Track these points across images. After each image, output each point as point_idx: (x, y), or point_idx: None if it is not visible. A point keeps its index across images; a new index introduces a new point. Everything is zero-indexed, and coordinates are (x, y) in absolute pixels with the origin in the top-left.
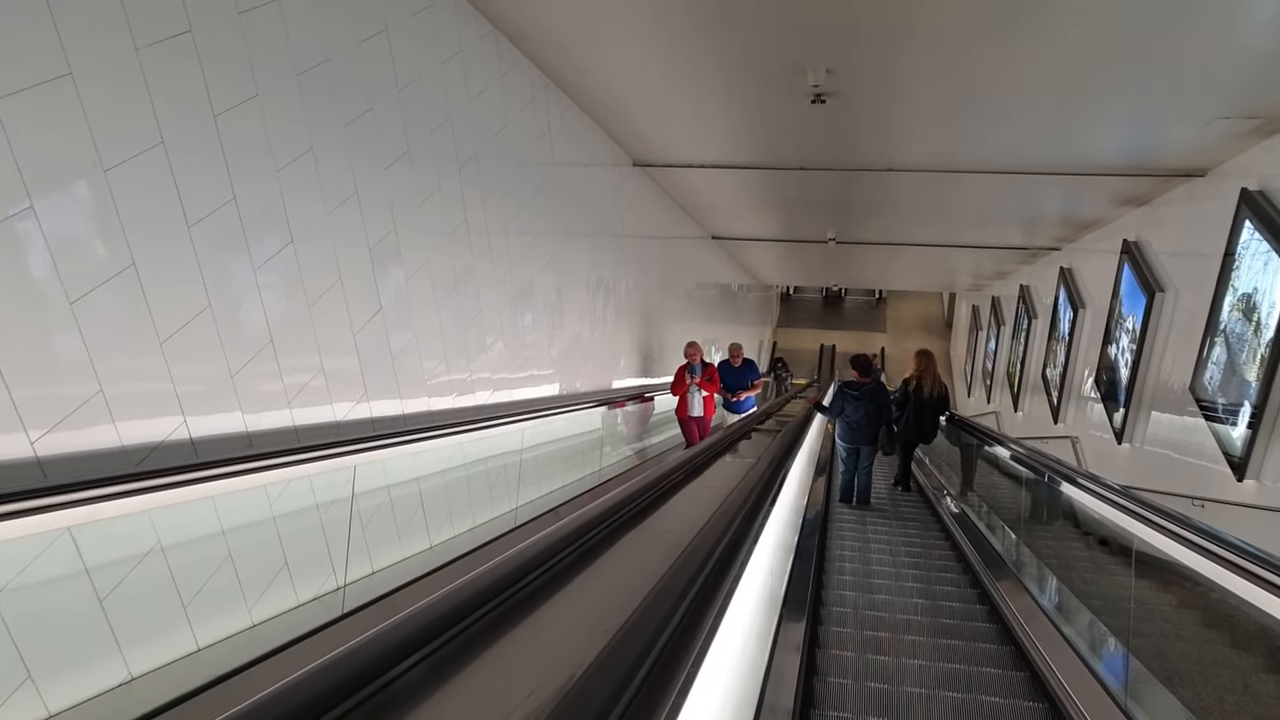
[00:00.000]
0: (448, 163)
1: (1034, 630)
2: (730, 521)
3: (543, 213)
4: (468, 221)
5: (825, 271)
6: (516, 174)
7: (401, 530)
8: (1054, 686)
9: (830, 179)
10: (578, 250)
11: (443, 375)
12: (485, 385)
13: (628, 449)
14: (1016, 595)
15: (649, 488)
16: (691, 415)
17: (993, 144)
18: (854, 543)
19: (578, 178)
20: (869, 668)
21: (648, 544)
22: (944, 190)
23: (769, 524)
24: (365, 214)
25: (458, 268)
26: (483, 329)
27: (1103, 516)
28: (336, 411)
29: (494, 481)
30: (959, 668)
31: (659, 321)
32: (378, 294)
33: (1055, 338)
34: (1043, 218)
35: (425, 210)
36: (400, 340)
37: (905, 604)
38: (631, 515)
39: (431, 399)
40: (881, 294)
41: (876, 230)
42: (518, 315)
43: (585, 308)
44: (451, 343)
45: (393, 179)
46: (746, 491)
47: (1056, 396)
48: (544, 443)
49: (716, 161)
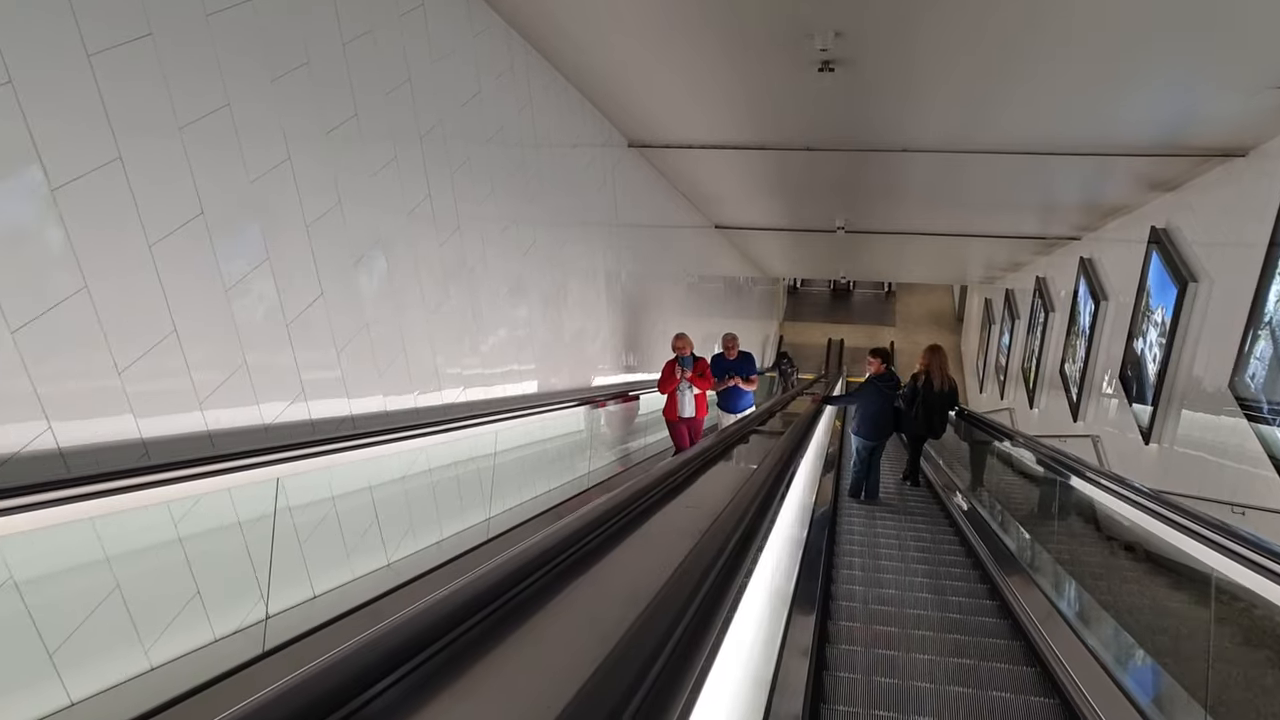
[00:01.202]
0: (406, 133)
1: (1048, 630)
2: (708, 568)
3: (523, 194)
4: (432, 200)
5: (833, 263)
6: (491, 150)
7: (353, 547)
8: (1066, 683)
9: (839, 161)
10: (565, 237)
11: (401, 371)
12: (455, 382)
13: (609, 455)
14: (1028, 592)
15: (614, 512)
16: (682, 416)
17: (1014, 120)
18: (862, 538)
19: (565, 158)
20: (877, 663)
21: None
22: (959, 173)
23: (766, 558)
24: (302, 185)
25: (420, 251)
26: (453, 320)
27: (1132, 522)
28: (264, 413)
29: (463, 491)
30: (969, 663)
31: (657, 315)
32: (317, 277)
33: (1075, 332)
34: (1063, 204)
35: (379, 185)
36: (347, 329)
37: (915, 599)
38: (581, 556)
39: (387, 398)
40: (891, 287)
41: (887, 218)
42: (494, 306)
43: (573, 300)
44: (414, 335)
45: (337, 147)
46: (738, 516)
47: (1076, 393)
48: (517, 446)
49: (718, 142)
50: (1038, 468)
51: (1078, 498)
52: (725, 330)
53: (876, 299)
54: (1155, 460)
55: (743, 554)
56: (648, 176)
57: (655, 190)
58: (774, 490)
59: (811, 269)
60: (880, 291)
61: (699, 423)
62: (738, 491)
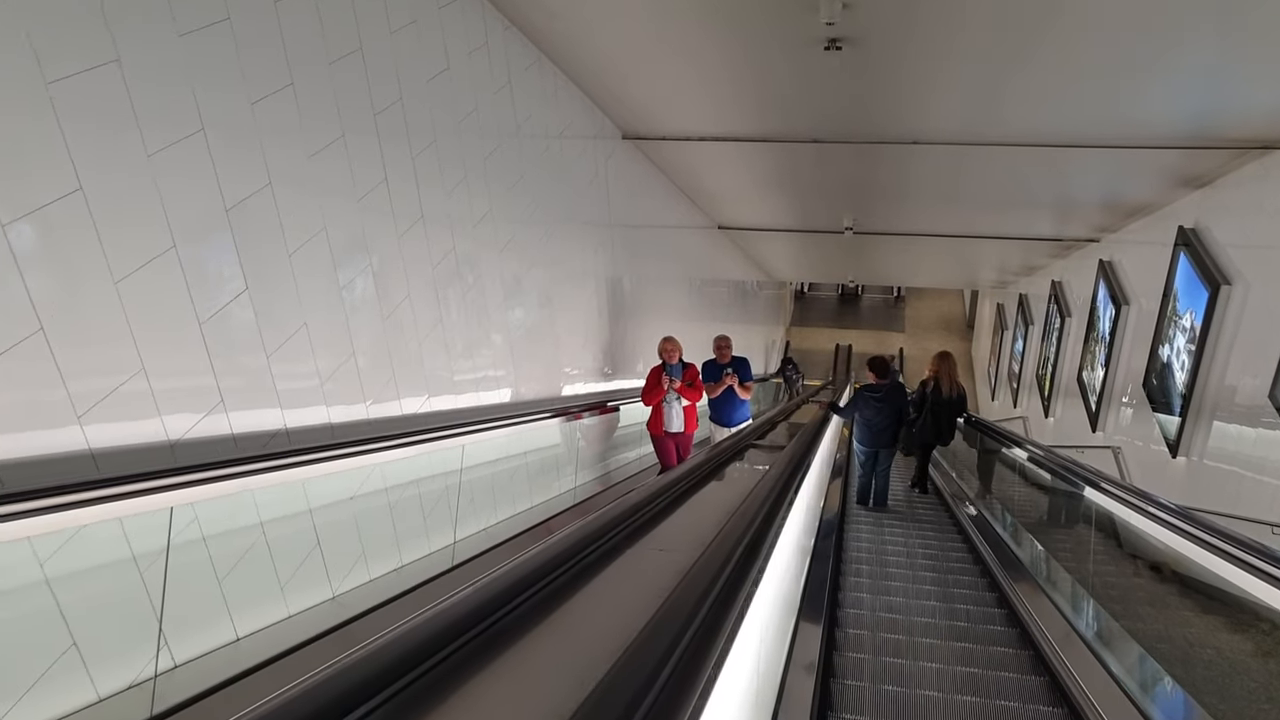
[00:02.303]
0: (357, 107)
1: (1059, 643)
2: (660, 662)
3: (501, 184)
4: (389, 186)
5: (841, 266)
6: (463, 135)
7: (291, 576)
8: (1077, 695)
9: (847, 155)
10: (551, 233)
11: (350, 378)
12: (416, 390)
13: (586, 474)
14: (1037, 601)
15: (556, 564)
16: (669, 431)
17: (1030, 110)
18: (870, 545)
19: (551, 148)
20: (885, 670)
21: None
22: (972, 168)
23: (755, 617)
24: (218, 159)
25: (374, 244)
26: (414, 322)
27: (1162, 542)
28: (169, 428)
29: (408, 517)
30: (976, 671)
31: (656, 320)
32: (241, 269)
33: (1094, 338)
34: (1082, 203)
35: (321, 165)
36: (279, 328)
37: (922, 606)
38: (540, 599)
39: (331, 408)
40: (900, 292)
41: (897, 218)
42: (465, 307)
43: (559, 303)
44: (365, 337)
45: (266, 119)
46: (718, 564)
47: (1095, 402)
48: (488, 462)
49: (720, 134)
50: (1049, 477)
51: (1094, 510)
52: (725, 331)
53: (885, 304)
54: (1183, 474)
55: (716, 631)
56: (645, 171)
57: (653, 187)
58: (769, 522)
59: (819, 272)
60: (889, 296)
61: (688, 438)
62: (723, 527)
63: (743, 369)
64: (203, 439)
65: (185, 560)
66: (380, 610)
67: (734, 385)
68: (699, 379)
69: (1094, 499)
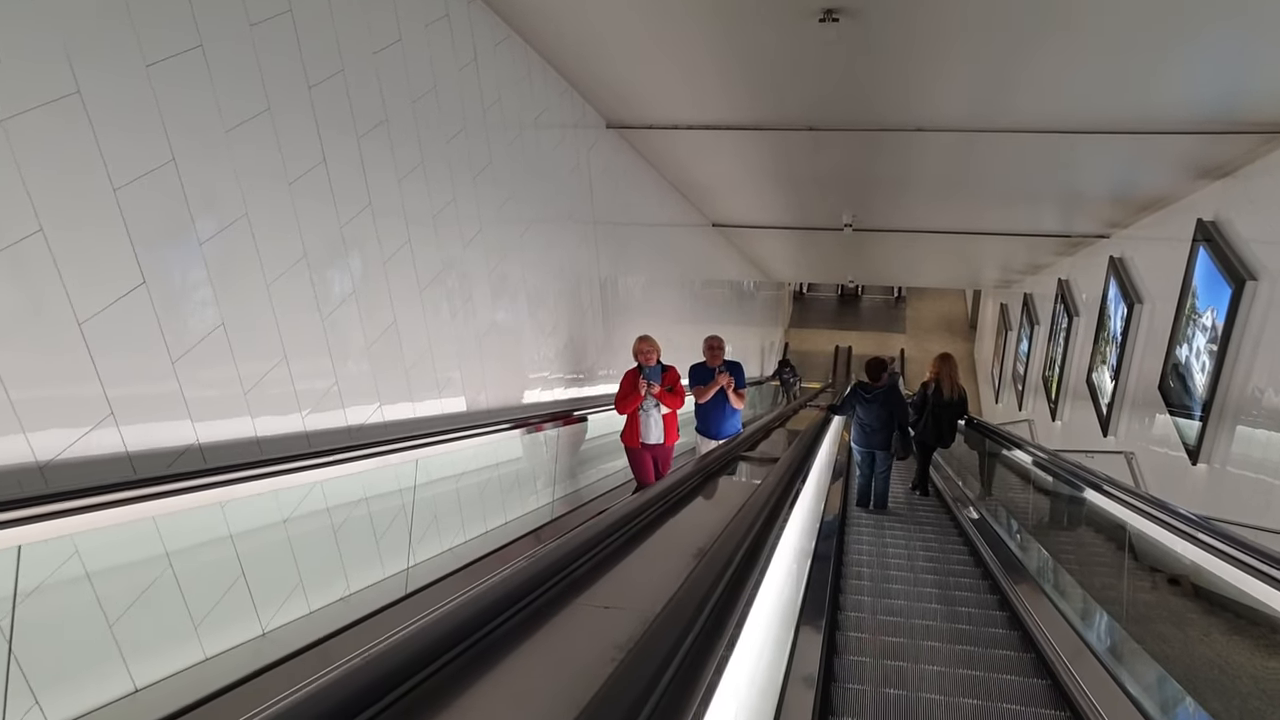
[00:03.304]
0: (287, 76)
1: (1065, 652)
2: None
3: (466, 170)
4: (327, 167)
5: (841, 265)
6: (420, 114)
7: (208, 613)
8: (1077, 695)
9: (845, 144)
10: (525, 228)
11: (282, 384)
12: (364, 398)
13: (549, 494)
14: (1039, 605)
15: (470, 626)
16: (646, 443)
17: (1039, 94)
18: (871, 547)
19: (525, 136)
20: (886, 674)
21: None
22: (977, 158)
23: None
24: (102, 129)
25: (311, 232)
26: (361, 322)
27: (1179, 554)
28: (36, 448)
29: (371, 536)
30: (978, 674)
31: (646, 322)
32: (134, 256)
33: (1104, 338)
34: (1091, 196)
35: (243, 140)
36: (184, 331)
37: (924, 609)
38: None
39: (256, 419)
40: (901, 292)
41: (897, 214)
42: (421, 307)
43: (535, 302)
44: (300, 338)
45: (168, 83)
46: (678, 633)
47: (1106, 405)
48: (443, 479)
49: (710, 122)
50: (1053, 481)
51: (1103, 517)
52: (719, 334)
53: (886, 305)
54: (1204, 482)
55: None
56: (632, 164)
57: (641, 180)
58: (752, 559)
59: (818, 272)
60: (890, 297)
61: (668, 451)
62: (694, 570)
63: (736, 375)
64: (83, 459)
65: (57, 603)
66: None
67: (727, 388)
68: (680, 383)
69: (1103, 505)
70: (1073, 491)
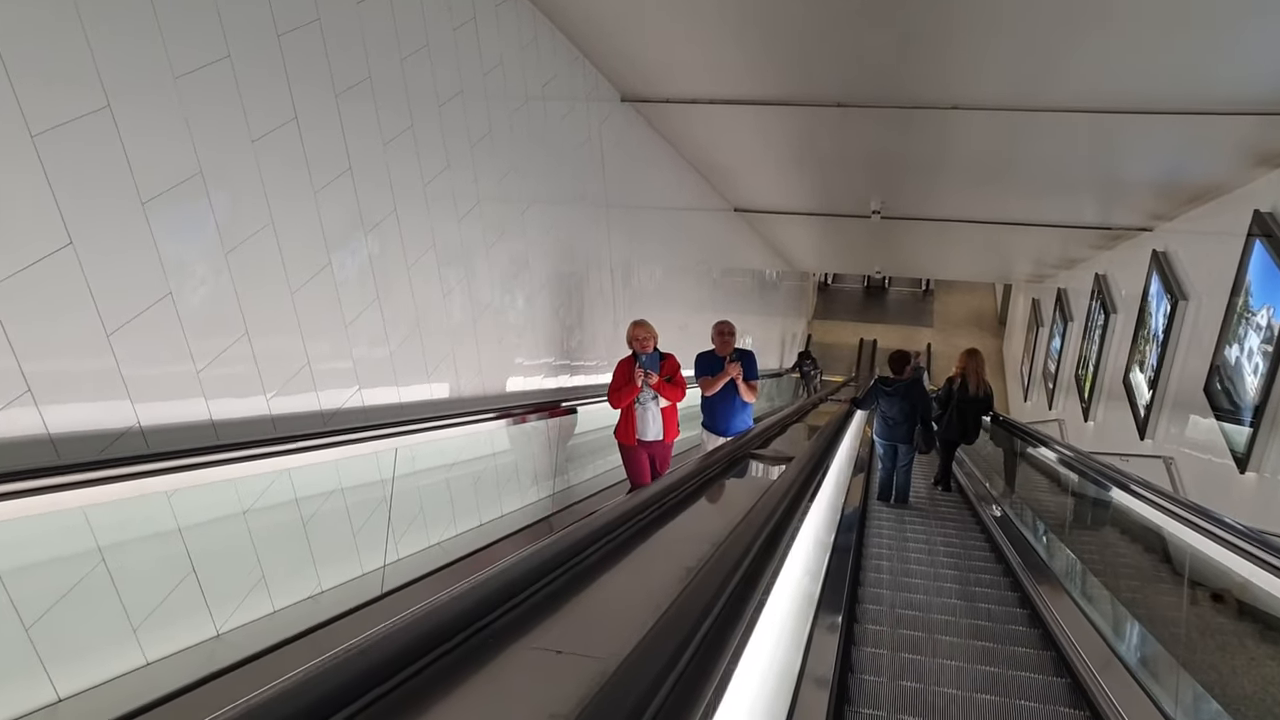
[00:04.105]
0: (251, 23)
1: (1089, 656)
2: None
3: (460, 140)
4: (300, 126)
5: (867, 255)
6: (410, 75)
7: (151, 612)
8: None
9: (876, 123)
10: (527, 204)
11: (243, 362)
12: (340, 380)
13: (535, 493)
14: (1062, 605)
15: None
16: (642, 440)
17: (1099, 66)
18: (891, 542)
19: (532, 105)
20: (904, 667)
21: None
22: (1017, 142)
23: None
24: (18, 79)
25: (281, 199)
26: (338, 298)
27: (1230, 569)
28: None
29: (344, 530)
30: (997, 671)
31: (661, 310)
32: (60, 217)
33: (1144, 336)
34: (1136, 185)
35: (196, 88)
36: (122, 301)
37: (943, 604)
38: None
39: (212, 401)
40: (929, 285)
41: (928, 202)
42: (408, 285)
43: (538, 284)
44: (263, 313)
45: (110, 27)
46: (660, 664)
47: (1144, 407)
48: (425, 469)
49: (732, 96)
50: (1082, 482)
51: (1136, 521)
52: (739, 327)
53: (913, 297)
54: (1253, 492)
55: None
56: (647, 140)
57: (659, 159)
58: (751, 584)
59: (844, 262)
60: (917, 290)
61: (666, 449)
62: (678, 597)
63: (747, 365)
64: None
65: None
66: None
67: (737, 378)
68: (679, 373)
69: (1138, 510)
70: (1105, 494)
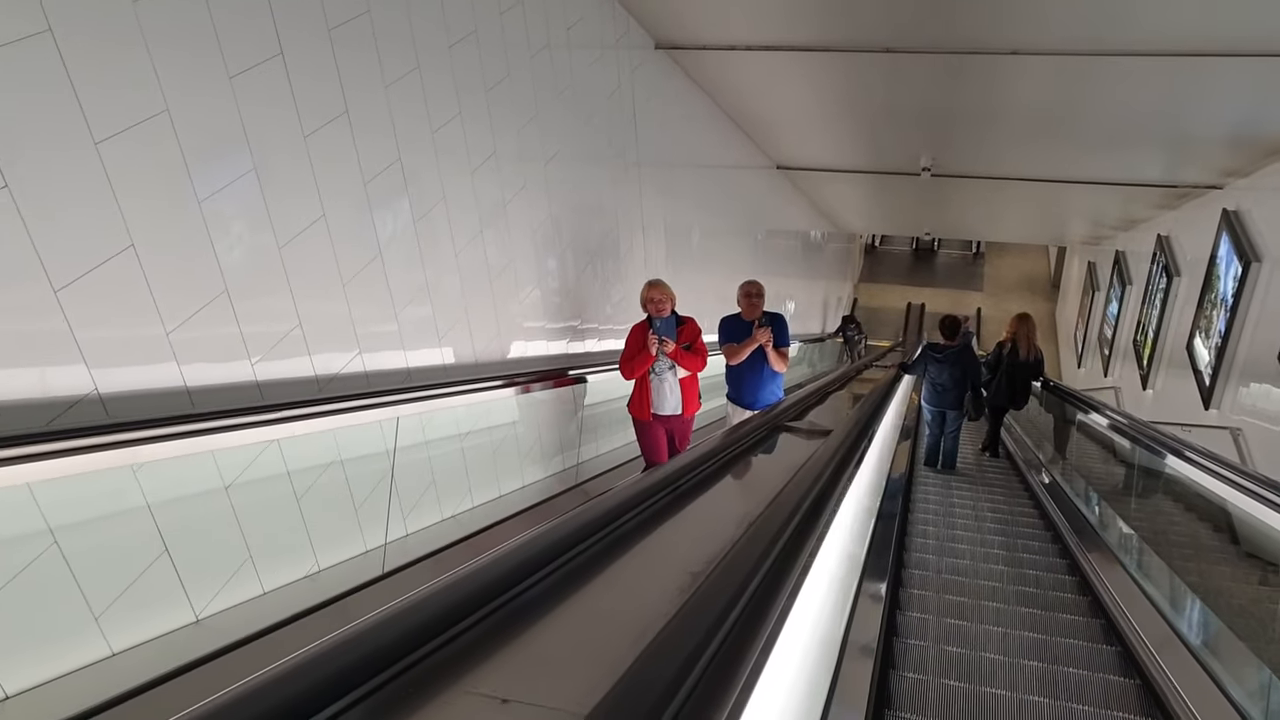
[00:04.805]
0: None
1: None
2: None
3: (474, 86)
4: (286, 62)
5: (916, 216)
6: (415, 7)
7: (116, 598)
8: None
9: (928, 71)
10: (551, 157)
11: (219, 323)
12: (334, 344)
13: (533, 473)
14: (1113, 574)
15: None
16: (659, 414)
17: (1163, 5)
18: (938, 507)
19: (555, 50)
20: (949, 632)
21: None
22: (1079, 91)
23: None
24: None
25: (262, 141)
26: (323, 255)
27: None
28: None
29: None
30: (1044, 638)
31: (696, 274)
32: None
33: (1210, 301)
34: (1208, 138)
35: (154, 10)
36: (77, 255)
37: (989, 570)
38: None
39: (185, 366)
40: (980, 248)
41: (982, 158)
42: (415, 242)
43: (561, 246)
44: (245, 269)
45: None
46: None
47: (1210, 375)
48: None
49: (773, 42)
50: (1138, 450)
51: (1196, 492)
52: (782, 290)
53: (963, 260)
54: None
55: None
56: (682, 91)
57: (695, 111)
58: (768, 601)
59: (892, 223)
60: (968, 253)
61: (686, 424)
62: (681, 612)
63: (779, 329)
64: None
65: None
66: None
67: (766, 345)
68: (700, 339)
69: (1201, 481)
70: (1162, 462)
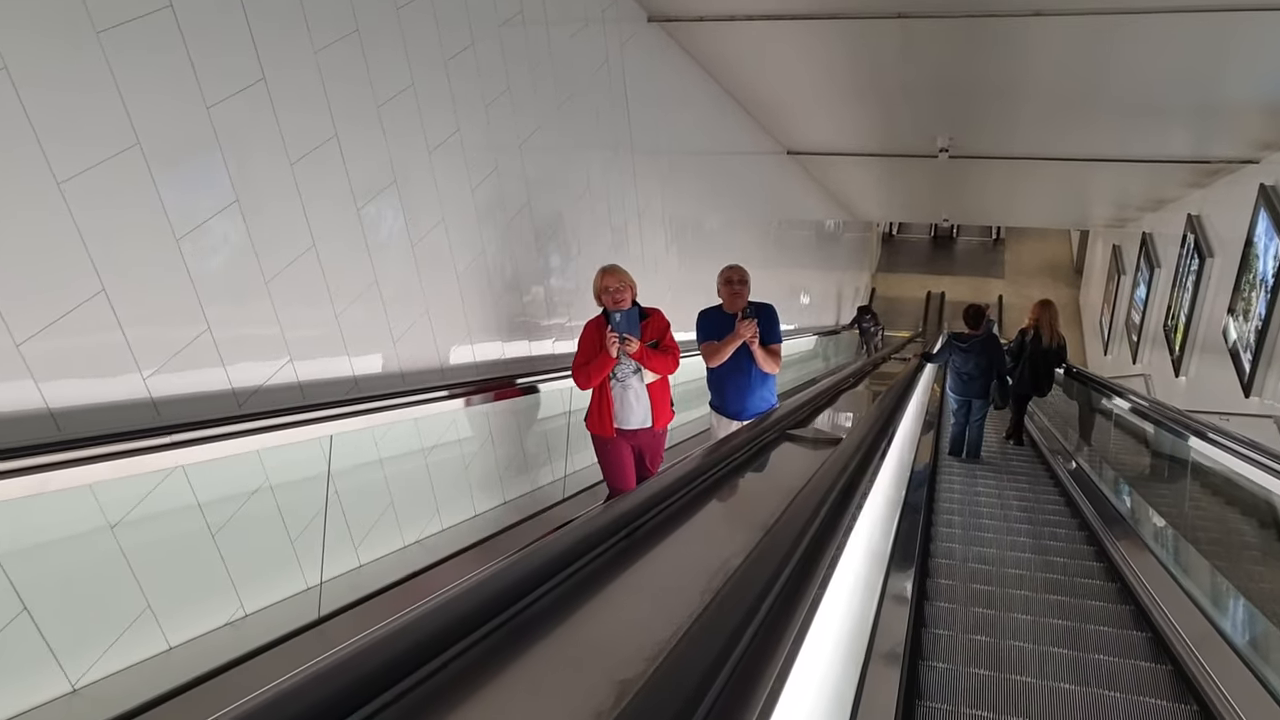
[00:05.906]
0: None
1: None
2: None
3: (429, 53)
4: (175, 13)
5: (933, 202)
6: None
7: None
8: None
9: (943, 38)
10: (528, 135)
11: (95, 329)
12: (259, 350)
13: (480, 502)
14: (1141, 558)
15: None
16: (623, 429)
17: None
18: (962, 497)
19: (529, 23)
20: (976, 622)
21: None
22: (1105, 58)
23: None
24: None
25: (153, 109)
26: (240, 246)
27: None
28: None
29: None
30: (1073, 625)
31: (705, 267)
32: None
33: (1247, 282)
34: (1245, 106)
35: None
36: None
37: (1016, 559)
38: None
39: (44, 383)
40: (1000, 233)
41: (1002, 136)
42: (359, 233)
43: (529, 233)
44: (129, 263)
45: None
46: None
47: (1250, 361)
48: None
49: (775, 10)
50: (1163, 435)
51: (1234, 480)
52: (795, 282)
53: (983, 247)
54: None
55: None
56: (679, 69)
57: (693, 91)
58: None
59: (909, 210)
60: (987, 239)
61: (657, 439)
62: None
63: (768, 322)
64: None
65: None
66: None
67: (751, 343)
68: (670, 334)
69: (1239, 469)
70: (1188, 447)
